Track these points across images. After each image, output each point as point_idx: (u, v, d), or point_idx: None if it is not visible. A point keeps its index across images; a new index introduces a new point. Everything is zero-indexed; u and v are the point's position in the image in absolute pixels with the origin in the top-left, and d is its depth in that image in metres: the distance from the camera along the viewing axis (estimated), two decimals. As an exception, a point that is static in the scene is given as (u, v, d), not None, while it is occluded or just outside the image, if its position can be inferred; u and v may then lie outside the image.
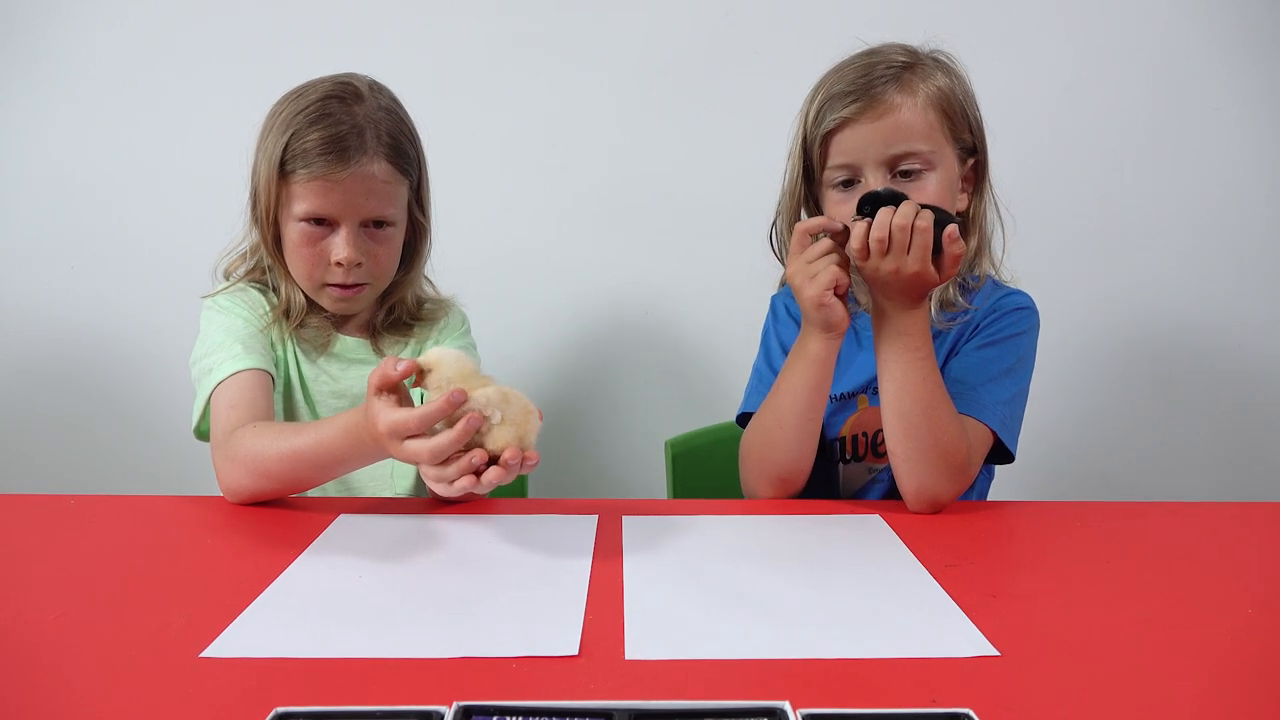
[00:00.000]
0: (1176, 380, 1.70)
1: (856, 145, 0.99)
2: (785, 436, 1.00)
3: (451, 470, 0.77)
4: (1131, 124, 1.61)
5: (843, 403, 1.12)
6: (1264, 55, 1.59)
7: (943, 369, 1.03)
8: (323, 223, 1.04)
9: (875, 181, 0.99)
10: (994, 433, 1.01)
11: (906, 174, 0.99)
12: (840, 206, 1.02)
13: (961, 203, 1.06)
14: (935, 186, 1.00)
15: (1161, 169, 1.63)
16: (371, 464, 0.91)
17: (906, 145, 0.99)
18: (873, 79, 0.99)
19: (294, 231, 1.05)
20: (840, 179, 1.02)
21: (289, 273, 1.08)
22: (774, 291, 1.22)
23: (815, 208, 1.08)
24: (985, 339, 1.07)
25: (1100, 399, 1.71)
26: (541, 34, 1.58)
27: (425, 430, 0.77)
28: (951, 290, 1.08)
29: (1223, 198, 1.64)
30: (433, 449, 0.76)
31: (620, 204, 1.63)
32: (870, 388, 1.10)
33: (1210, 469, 1.71)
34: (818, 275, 0.94)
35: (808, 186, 1.08)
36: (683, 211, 1.62)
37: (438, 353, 0.82)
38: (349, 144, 1.01)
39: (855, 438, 1.11)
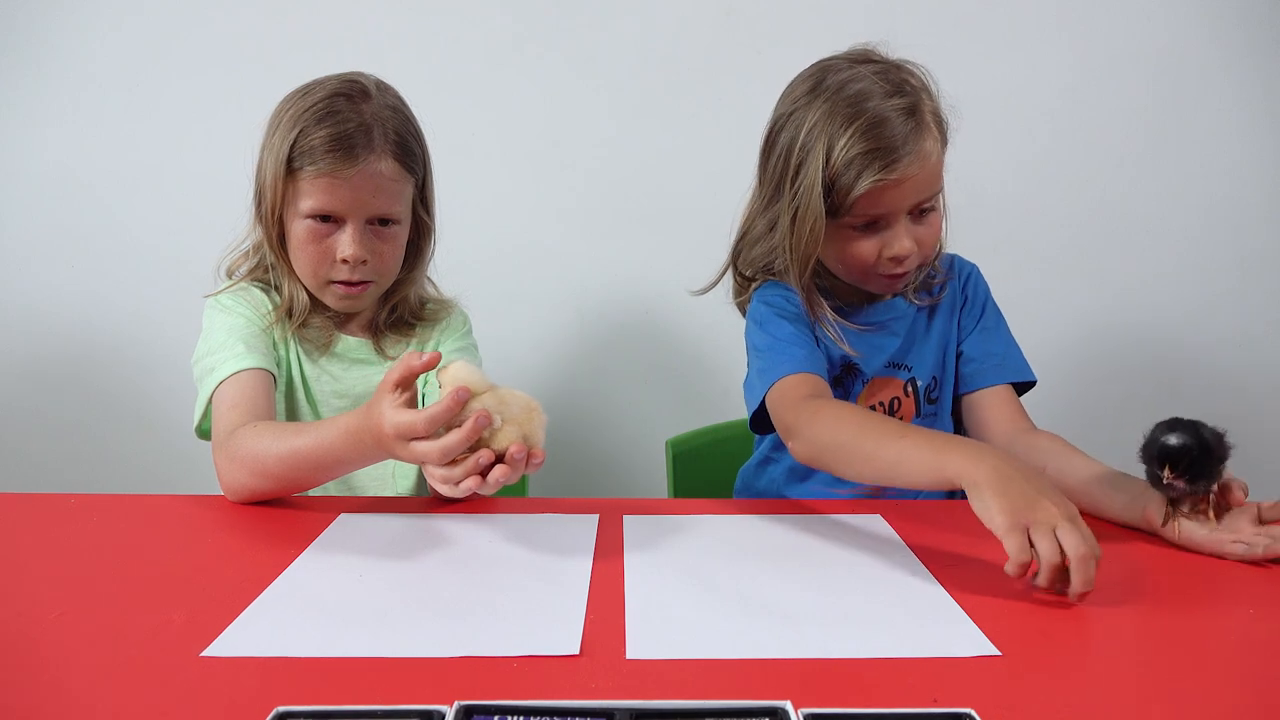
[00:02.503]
0: (1177, 380, 1.70)
1: (892, 200, 0.99)
2: (849, 471, 0.90)
3: (458, 471, 0.77)
4: (1132, 124, 1.61)
5: (852, 376, 1.12)
6: (1265, 56, 1.59)
7: (959, 344, 1.16)
8: (329, 220, 1.04)
9: (899, 228, 1.00)
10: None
11: (922, 212, 1.02)
12: (862, 244, 1.02)
13: None
14: (940, 211, 1.05)
15: (1162, 169, 1.63)
16: (372, 464, 0.91)
17: (932, 189, 1.02)
18: (895, 135, 0.97)
19: (299, 228, 1.05)
20: (864, 224, 1.02)
21: (293, 270, 1.08)
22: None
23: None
24: (976, 308, 1.17)
25: (1100, 399, 1.71)
26: (542, 34, 1.58)
27: (432, 431, 0.77)
28: (927, 275, 1.14)
29: (1224, 198, 1.64)
30: (442, 448, 0.76)
31: (621, 203, 1.63)
32: (880, 364, 1.12)
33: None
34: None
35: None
36: (684, 211, 1.62)
37: (453, 367, 0.83)
38: (356, 141, 1.01)
39: (873, 409, 1.12)
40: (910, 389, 1.13)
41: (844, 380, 1.11)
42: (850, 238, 1.03)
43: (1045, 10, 1.58)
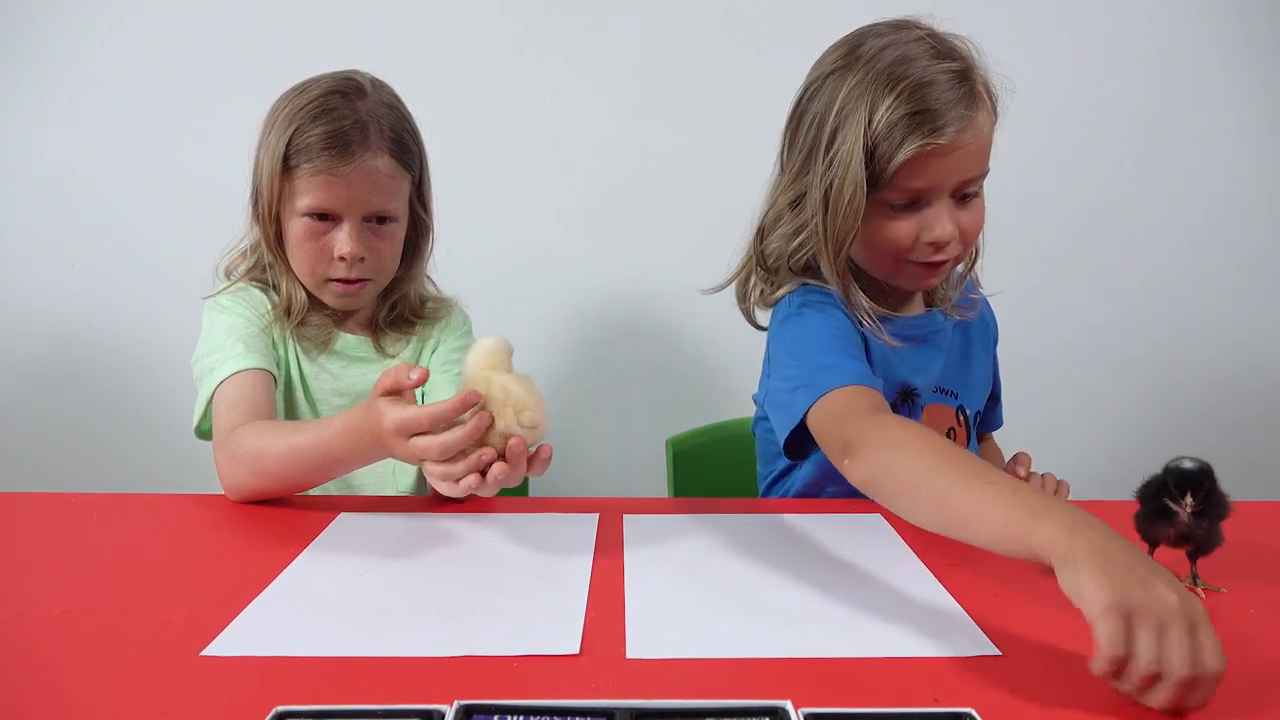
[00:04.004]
0: (1177, 380, 1.70)
1: (938, 172, 0.89)
2: (907, 508, 0.74)
3: (459, 468, 0.76)
4: (1132, 124, 1.61)
5: (908, 403, 1.03)
6: (1266, 56, 1.59)
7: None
8: (326, 218, 1.04)
9: (941, 209, 0.90)
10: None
11: (965, 197, 0.93)
12: (899, 224, 0.92)
13: None
14: (982, 198, 0.96)
15: (1162, 169, 1.63)
16: (372, 464, 0.91)
17: (980, 167, 0.93)
18: (945, 99, 0.88)
19: (297, 226, 1.05)
20: (905, 202, 0.92)
21: (290, 269, 1.08)
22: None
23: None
24: (997, 348, 1.14)
25: (1100, 398, 1.71)
26: (542, 34, 1.58)
27: (436, 429, 0.77)
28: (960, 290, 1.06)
29: (1224, 198, 1.64)
30: (443, 444, 0.76)
31: (621, 203, 1.63)
32: (929, 386, 1.04)
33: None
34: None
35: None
36: (684, 211, 1.62)
37: (483, 340, 0.83)
38: (352, 139, 1.01)
39: None
40: (961, 418, 1.05)
41: (899, 408, 1.01)
42: (886, 217, 0.92)
43: (1045, 10, 1.58)
